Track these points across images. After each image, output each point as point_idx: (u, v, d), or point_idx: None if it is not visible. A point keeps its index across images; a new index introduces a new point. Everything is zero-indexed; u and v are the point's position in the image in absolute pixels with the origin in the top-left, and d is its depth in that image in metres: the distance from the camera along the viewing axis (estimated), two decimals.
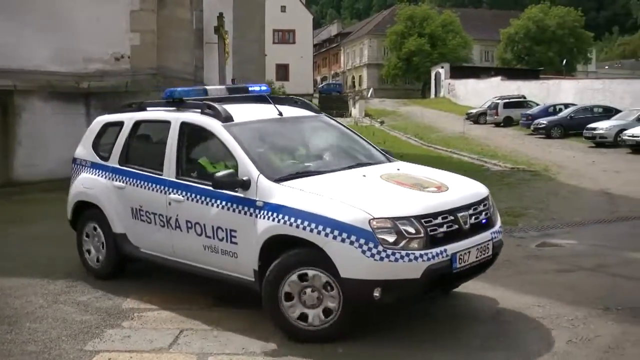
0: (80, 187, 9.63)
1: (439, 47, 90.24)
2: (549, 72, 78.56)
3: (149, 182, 8.51)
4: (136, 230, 8.80)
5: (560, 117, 41.31)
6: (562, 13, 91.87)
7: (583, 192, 18.77)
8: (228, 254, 7.57)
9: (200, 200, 7.80)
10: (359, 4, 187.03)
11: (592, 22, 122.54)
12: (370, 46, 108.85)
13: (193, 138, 8.41)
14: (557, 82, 57.21)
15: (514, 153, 29.92)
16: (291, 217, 6.89)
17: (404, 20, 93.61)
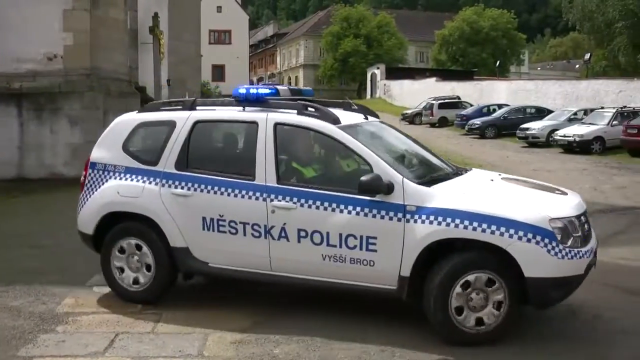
0: (114, 195, 8.17)
1: (374, 48, 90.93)
2: (483, 73, 79.62)
3: (236, 189, 7.59)
4: (206, 243, 7.78)
5: (494, 118, 41.92)
6: (495, 15, 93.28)
7: None
8: (361, 262, 7.11)
9: (321, 206, 7.22)
10: (295, 5, 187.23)
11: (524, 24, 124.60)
12: (306, 47, 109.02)
13: (293, 140, 7.91)
14: (490, 83, 58.00)
15: (449, 153, 30.18)
16: (464, 220, 6.74)
17: (340, 21, 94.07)
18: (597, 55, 67.15)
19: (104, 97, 19.92)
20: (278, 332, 7.15)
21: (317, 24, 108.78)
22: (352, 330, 7.28)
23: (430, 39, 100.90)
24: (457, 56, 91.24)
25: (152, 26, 27.93)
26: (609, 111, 32.98)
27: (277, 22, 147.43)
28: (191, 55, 32.48)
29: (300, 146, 8.02)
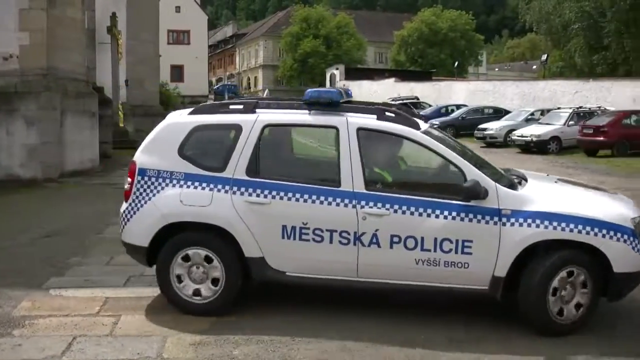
0: (177, 205, 7.60)
1: (333, 48, 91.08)
2: (441, 73, 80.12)
3: (321, 196, 7.39)
4: (285, 252, 7.51)
5: (452, 118, 42.26)
6: (453, 16, 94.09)
7: None
8: (455, 265, 7.28)
9: (415, 212, 7.27)
10: (255, 5, 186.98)
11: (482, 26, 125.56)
12: (265, 47, 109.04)
13: (375, 145, 7.75)
14: (449, 83, 58.45)
15: None
16: (562, 223, 7.16)
17: (299, 21, 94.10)
18: (554, 56, 67.89)
19: (61, 97, 19.71)
20: (237, 333, 7.13)
21: (276, 25, 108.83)
22: (312, 329, 7.28)
23: (389, 39, 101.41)
24: (415, 57, 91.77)
25: (109, 26, 27.72)
26: (566, 111, 33.41)
27: (236, 23, 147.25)
28: (149, 56, 32.27)
29: (384, 151, 7.94)
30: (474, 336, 7.26)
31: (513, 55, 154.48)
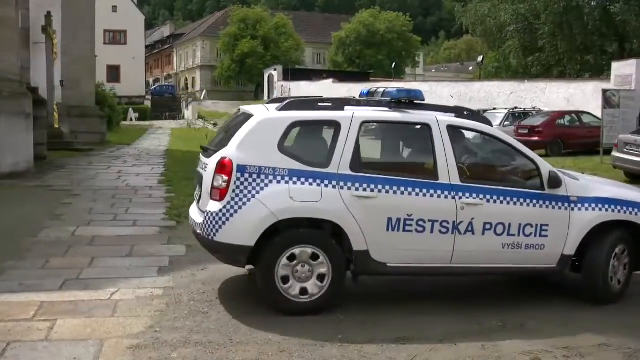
0: (287, 201, 7.55)
1: (272, 49, 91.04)
2: (379, 74, 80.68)
3: (423, 188, 7.81)
4: (388, 244, 7.77)
5: None
6: (391, 18, 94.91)
7: None
8: (533, 247, 8.24)
9: (504, 201, 8.08)
10: (192, 5, 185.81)
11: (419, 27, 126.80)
12: (203, 48, 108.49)
13: (461, 141, 8.47)
14: (386, 84, 58.73)
15: None
16: (618, 206, 8.56)
17: (237, 22, 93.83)
18: (490, 58, 68.78)
19: None
20: (175, 336, 7.08)
21: (214, 25, 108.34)
22: (250, 330, 7.27)
23: (327, 40, 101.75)
24: (353, 58, 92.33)
25: (44, 25, 27.24)
26: (501, 112, 33.82)
27: (173, 23, 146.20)
28: (85, 56, 31.80)
29: (469, 146, 8.72)
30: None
31: (450, 57, 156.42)
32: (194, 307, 8.01)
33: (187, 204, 14.70)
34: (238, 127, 8.08)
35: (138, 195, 16.28)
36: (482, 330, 7.56)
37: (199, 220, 7.98)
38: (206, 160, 8.17)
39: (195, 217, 8.26)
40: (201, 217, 7.94)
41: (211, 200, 7.74)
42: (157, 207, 14.50)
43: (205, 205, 7.85)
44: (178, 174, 19.99)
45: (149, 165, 23.14)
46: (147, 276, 9.18)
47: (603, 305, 8.52)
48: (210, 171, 7.83)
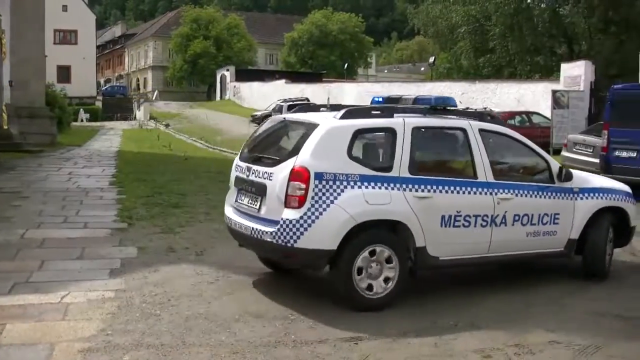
0: (363, 205, 8.00)
1: (224, 50, 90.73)
2: (332, 75, 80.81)
3: (467, 187, 8.74)
4: (441, 239, 8.54)
5: None
6: (344, 18, 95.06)
7: None
8: (549, 233, 9.45)
9: (529, 195, 9.23)
10: (144, 5, 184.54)
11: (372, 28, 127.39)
12: (155, 48, 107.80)
13: (489, 143, 9.23)
14: (339, 85, 59.02)
15: None
16: (609, 194, 10.15)
17: (190, 22, 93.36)
18: (442, 59, 69.34)
19: None
20: (127, 339, 7.03)
21: (166, 25, 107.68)
22: (203, 332, 7.26)
23: (279, 41, 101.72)
24: (306, 58, 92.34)
25: None
26: None
27: (125, 23, 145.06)
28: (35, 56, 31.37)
29: (496, 147, 9.42)
30: None
31: (402, 58, 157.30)
32: (146, 309, 7.96)
33: (138, 205, 14.70)
34: (298, 135, 8.52)
35: (89, 197, 16.11)
36: (435, 329, 7.61)
37: (268, 229, 8.12)
38: (266, 169, 8.39)
39: (253, 224, 8.42)
40: (269, 225, 8.13)
41: (286, 209, 7.98)
42: (108, 209, 14.36)
43: (275, 214, 8.09)
44: (129, 176, 19.83)
45: (100, 166, 22.91)
46: (99, 279, 9.10)
47: (602, 280, 9.97)
48: (281, 180, 8.04)
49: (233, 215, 8.99)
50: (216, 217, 13.94)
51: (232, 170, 9.43)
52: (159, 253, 10.65)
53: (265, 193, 8.27)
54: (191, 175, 20.54)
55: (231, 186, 9.40)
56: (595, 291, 9.42)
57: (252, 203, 8.61)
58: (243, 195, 8.87)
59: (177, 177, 19.87)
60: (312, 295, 8.69)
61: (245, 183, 8.81)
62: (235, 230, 8.90)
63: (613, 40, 42.37)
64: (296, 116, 9.26)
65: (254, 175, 8.62)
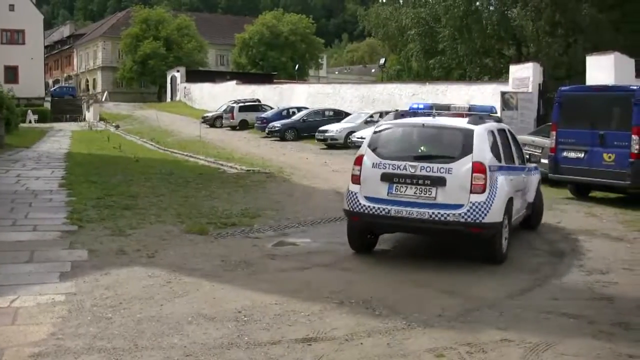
0: (510, 186, 11.41)
1: (174, 50, 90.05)
2: (283, 76, 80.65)
3: (517, 170, 12.44)
4: (517, 206, 12.24)
5: (294, 120, 42.54)
6: (294, 20, 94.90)
7: (316, 192, 19.46)
8: (528, 201, 13.44)
9: (523, 175, 12.92)
10: (93, 5, 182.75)
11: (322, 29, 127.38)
12: (104, 48, 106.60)
13: (512, 139, 12.92)
14: (290, 86, 58.87)
15: (250, 155, 30.41)
16: (538, 170, 14.62)
17: (139, 23, 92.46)
18: (392, 60, 69.68)
19: None
20: (78, 343, 6.94)
21: (115, 25, 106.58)
22: (155, 335, 7.21)
23: (230, 42, 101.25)
24: (257, 59, 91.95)
25: None
26: None
27: (74, 23, 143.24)
28: None
29: (505, 142, 12.17)
30: None
31: (353, 59, 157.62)
32: (97, 312, 7.88)
33: (88, 207, 14.58)
34: (457, 138, 10.96)
35: (38, 199, 15.95)
36: (388, 329, 7.63)
37: (453, 211, 10.38)
38: (441, 165, 10.56)
39: (429, 210, 10.45)
40: (453, 209, 10.41)
41: (472, 194, 10.45)
42: (58, 211, 14.23)
43: (457, 199, 10.45)
44: (79, 177, 19.66)
45: (49, 168, 22.67)
46: (48, 282, 9.00)
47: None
48: (463, 173, 10.49)
49: (388, 206, 10.66)
50: (167, 218, 13.92)
51: (367, 167, 10.98)
52: (110, 255, 10.57)
53: (444, 184, 10.49)
54: (142, 177, 20.44)
55: (367, 181, 10.93)
56: (540, 291, 9.51)
57: (424, 193, 10.59)
58: (404, 187, 10.70)
59: (128, 179, 19.76)
60: (265, 296, 8.67)
61: (410, 177, 10.65)
62: (397, 217, 10.59)
63: (560, 43, 42.87)
64: (439, 122, 11.48)
65: (424, 170, 10.59)
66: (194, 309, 8.06)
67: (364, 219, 10.94)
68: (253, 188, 19.58)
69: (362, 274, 10.17)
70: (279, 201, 17.31)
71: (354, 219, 11.15)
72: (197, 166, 25.42)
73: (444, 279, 9.96)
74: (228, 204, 16.29)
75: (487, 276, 10.18)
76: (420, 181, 10.54)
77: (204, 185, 19.52)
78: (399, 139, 11.33)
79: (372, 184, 10.84)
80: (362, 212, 10.83)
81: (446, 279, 9.94)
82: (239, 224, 13.70)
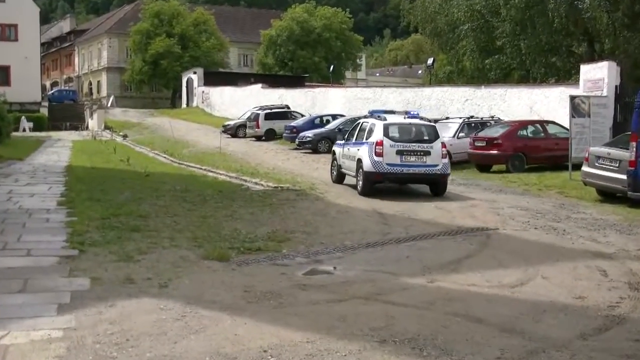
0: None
1: (190, 49, 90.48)
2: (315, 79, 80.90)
3: None
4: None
5: (328, 130, 42.39)
6: (329, 14, 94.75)
7: (354, 212, 19.39)
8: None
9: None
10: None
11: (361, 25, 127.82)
12: (110, 47, 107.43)
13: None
14: (324, 90, 58.99)
15: (277, 170, 30.43)
16: None
17: (150, 17, 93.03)
18: (442, 60, 69.51)
19: None
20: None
21: (123, 20, 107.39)
22: None
23: (255, 39, 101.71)
24: (285, 59, 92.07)
25: None
26: (455, 122, 33.97)
27: (74, 17, 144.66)
28: None
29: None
30: None
31: (396, 59, 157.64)
32: (100, 351, 7.87)
33: (91, 228, 14.63)
34: (431, 129, 23.60)
35: (33, 220, 16.03)
36: None
37: (437, 168, 22.43)
38: (427, 144, 22.55)
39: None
40: (436, 167, 22.40)
41: (442, 159, 22.38)
42: (56, 233, 14.28)
43: (437, 162, 22.28)
44: (81, 194, 19.76)
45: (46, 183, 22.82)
46: (44, 315, 9.00)
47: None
48: (438, 148, 22.36)
49: (401, 168, 22.38)
50: (182, 242, 13.92)
51: (387, 146, 22.31)
52: (115, 284, 10.57)
53: (430, 154, 22.30)
54: (153, 194, 20.51)
55: (387, 155, 22.21)
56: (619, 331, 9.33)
57: (419, 159, 22.33)
58: (409, 157, 22.34)
59: (137, 196, 19.82)
60: (295, 333, 8.61)
61: (412, 151, 22.30)
62: (406, 172, 22.43)
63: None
64: (418, 121, 24.20)
65: (420, 147, 22.47)
66: (213, 347, 8.03)
67: (386, 176, 22.71)
68: (281, 207, 19.55)
69: (407, 307, 10.07)
70: (311, 223, 17.26)
71: (378, 177, 22.67)
72: (216, 182, 25.46)
73: (501, 313, 9.85)
74: (252, 225, 16.27)
75: (552, 310, 10.04)
76: (418, 153, 22.47)
77: (224, 204, 19.54)
78: (401, 130, 23.31)
79: (390, 156, 22.26)
80: (386, 172, 22.39)
81: (504, 314, 9.82)
82: (264, 249, 13.67)
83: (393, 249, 14.34)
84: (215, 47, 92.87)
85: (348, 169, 24.62)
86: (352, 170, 23.80)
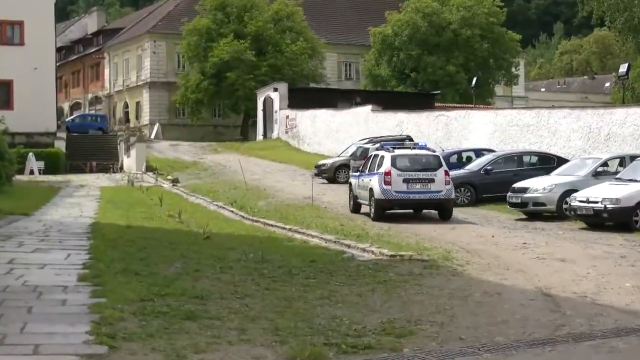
0: None
1: (269, 55, 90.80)
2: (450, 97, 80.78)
3: None
4: None
5: (470, 172, 42.26)
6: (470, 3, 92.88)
7: (508, 293, 19.21)
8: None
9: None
10: None
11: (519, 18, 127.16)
12: (154, 52, 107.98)
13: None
14: (463, 113, 58.77)
15: (395, 230, 30.44)
16: None
17: (213, 10, 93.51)
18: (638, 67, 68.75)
19: None
20: None
21: (172, 15, 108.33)
22: None
23: (362, 41, 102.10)
24: (406, 70, 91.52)
25: None
26: None
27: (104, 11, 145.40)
28: None
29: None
30: None
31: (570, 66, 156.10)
32: None
33: (126, 315, 14.76)
34: (434, 159, 37.57)
35: (43, 301, 16.23)
36: None
37: (441, 194, 35.66)
38: (431, 172, 36.28)
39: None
40: (440, 192, 35.57)
41: (445, 185, 35.57)
42: (75, 322, 14.42)
43: (441, 188, 35.40)
44: (113, 265, 19.97)
45: (62, 249, 23.18)
46: None
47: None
48: (441, 175, 35.60)
49: (408, 195, 35.16)
50: (257, 335, 13.96)
51: (394, 176, 34.55)
52: None
53: (434, 181, 35.31)
54: (215, 266, 20.65)
55: (395, 183, 34.63)
56: None
57: (424, 187, 35.41)
58: (415, 184, 35.18)
59: (193, 269, 20.00)
60: None
61: (418, 180, 35.29)
62: (413, 199, 35.38)
63: None
64: (422, 152, 39.41)
65: (424, 176, 35.57)
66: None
67: (394, 202, 35.07)
68: (401, 286, 19.53)
69: None
70: (446, 309, 17.17)
71: (387, 203, 34.91)
72: (306, 248, 25.56)
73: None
74: (359, 312, 16.26)
75: None
76: (423, 181, 34.99)
77: (318, 280, 19.58)
78: (407, 160, 35.86)
79: (398, 184, 34.36)
80: (394, 199, 34.62)
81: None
82: (377, 347, 13.62)
83: (572, 350, 14.15)
84: (304, 53, 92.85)
85: (363, 199, 37.31)
86: (366, 200, 36.60)
